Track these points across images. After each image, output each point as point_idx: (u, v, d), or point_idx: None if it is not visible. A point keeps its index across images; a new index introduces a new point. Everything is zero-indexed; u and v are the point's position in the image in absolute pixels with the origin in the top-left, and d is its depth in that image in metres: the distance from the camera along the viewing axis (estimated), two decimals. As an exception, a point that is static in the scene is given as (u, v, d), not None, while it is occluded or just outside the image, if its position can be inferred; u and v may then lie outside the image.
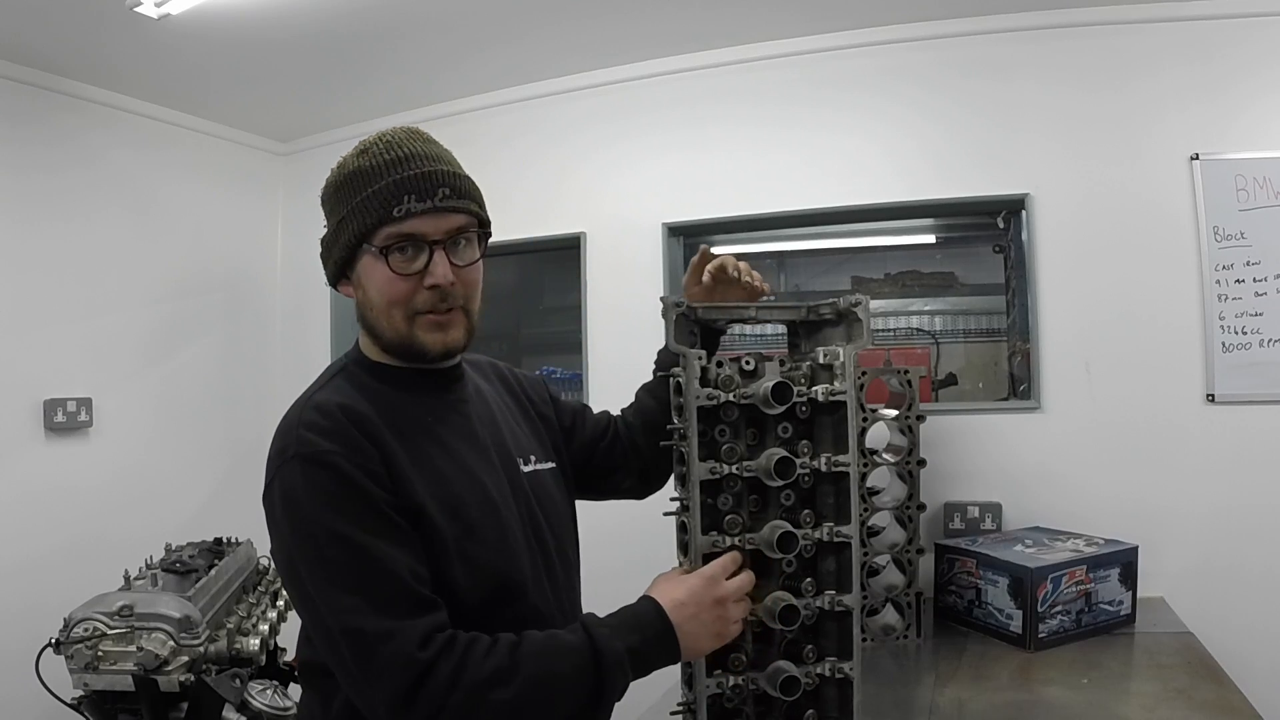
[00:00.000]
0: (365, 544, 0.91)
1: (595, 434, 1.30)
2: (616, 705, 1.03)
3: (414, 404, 1.05)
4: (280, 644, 2.09)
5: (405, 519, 0.95)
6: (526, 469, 1.13)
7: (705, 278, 1.28)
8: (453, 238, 1.01)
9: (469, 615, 0.96)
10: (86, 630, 1.71)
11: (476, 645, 0.91)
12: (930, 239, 2.85)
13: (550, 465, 1.19)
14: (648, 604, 1.00)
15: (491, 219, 1.07)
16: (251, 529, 2.41)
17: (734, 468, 1.06)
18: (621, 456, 1.29)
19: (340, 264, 1.04)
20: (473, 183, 1.04)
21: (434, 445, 1.02)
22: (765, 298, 1.30)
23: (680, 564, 1.09)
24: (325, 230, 1.06)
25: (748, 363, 1.09)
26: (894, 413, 2.08)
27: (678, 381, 1.08)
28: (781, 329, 1.27)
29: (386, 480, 0.95)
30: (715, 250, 1.30)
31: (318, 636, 0.94)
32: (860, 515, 1.13)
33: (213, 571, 1.99)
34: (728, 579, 1.03)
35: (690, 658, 1.02)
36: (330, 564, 0.91)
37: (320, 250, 1.07)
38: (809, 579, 1.09)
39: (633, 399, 1.37)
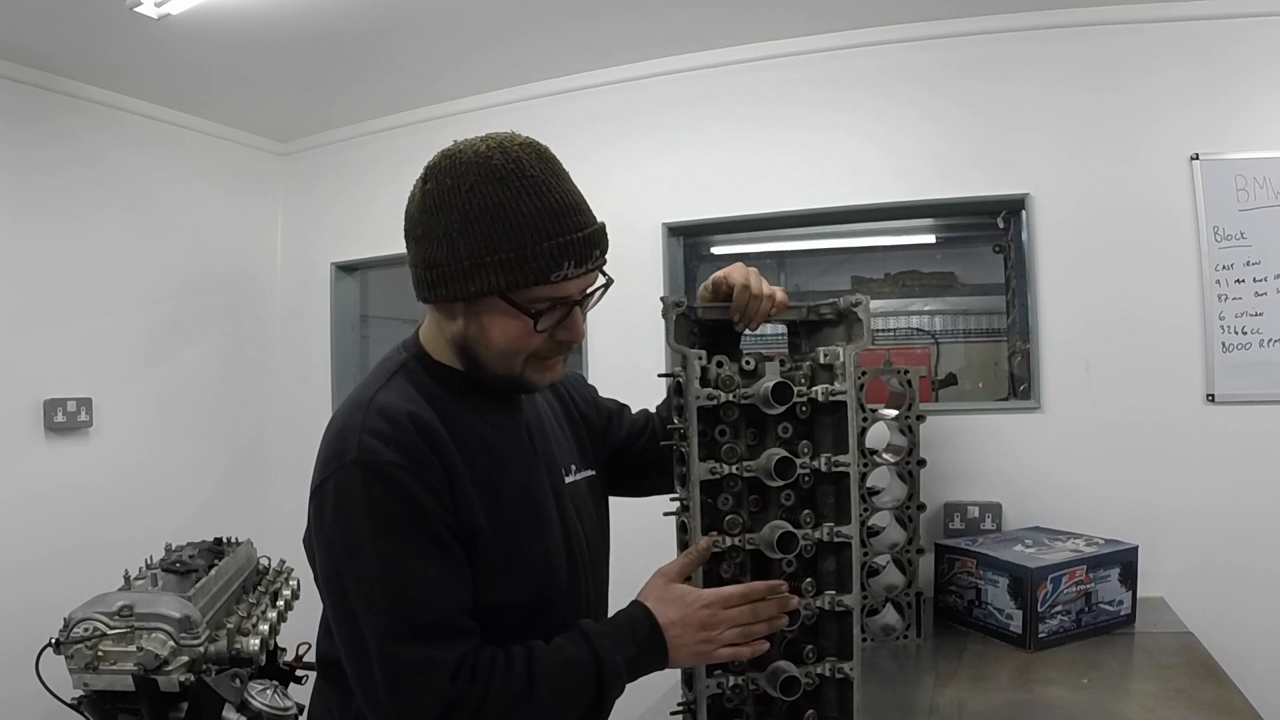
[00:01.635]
0: (414, 567, 0.91)
1: (632, 434, 1.29)
2: (616, 705, 1.04)
3: (473, 412, 1.03)
4: (280, 644, 2.08)
5: (460, 540, 0.95)
6: (569, 479, 1.13)
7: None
8: (589, 292, 1.01)
9: (497, 625, 0.97)
10: (86, 630, 1.71)
11: (496, 669, 0.92)
12: (930, 239, 2.86)
13: (589, 474, 1.19)
14: (645, 617, 1.00)
15: None
16: (251, 529, 2.42)
17: (734, 468, 1.06)
18: (657, 455, 1.26)
19: (456, 297, 0.96)
20: (606, 230, 1.01)
21: (492, 462, 1.01)
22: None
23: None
24: (431, 248, 0.95)
25: (748, 363, 1.09)
26: (894, 413, 2.08)
27: (678, 381, 1.08)
28: (781, 329, 1.27)
29: (448, 499, 0.94)
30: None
31: (348, 649, 0.93)
32: (860, 515, 1.13)
33: (213, 571, 1.98)
34: (729, 608, 1.01)
35: (674, 667, 1.03)
36: (376, 583, 0.90)
37: (421, 267, 0.98)
38: (809, 579, 1.09)
39: (636, 399, 1.37)
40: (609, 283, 1.04)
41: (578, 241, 0.95)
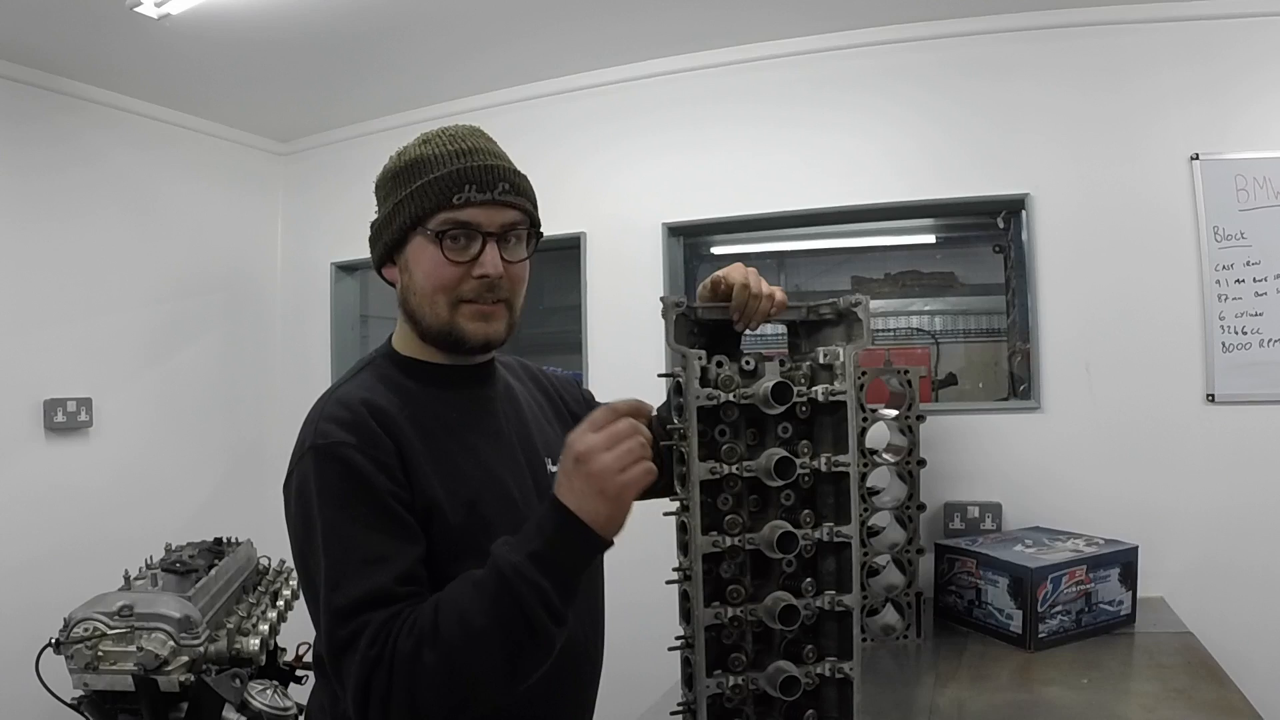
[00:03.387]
0: (359, 538, 0.92)
1: None
2: (616, 705, 1.03)
3: (439, 400, 1.05)
4: (280, 644, 2.08)
5: (415, 516, 0.96)
6: (554, 468, 1.12)
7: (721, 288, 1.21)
8: (505, 232, 1.03)
9: None
10: (86, 630, 1.71)
11: (405, 621, 0.88)
12: (930, 239, 2.86)
13: None
14: (547, 501, 0.91)
15: None
16: (251, 529, 2.42)
17: (734, 468, 1.06)
18: (655, 457, 1.27)
19: (390, 247, 1.05)
20: (530, 183, 1.07)
21: (455, 442, 1.03)
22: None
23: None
24: (377, 215, 1.08)
25: (748, 363, 1.09)
26: (894, 413, 2.08)
27: (678, 381, 1.08)
28: (781, 329, 1.27)
29: (399, 475, 0.96)
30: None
31: (315, 626, 0.95)
32: (860, 515, 1.13)
33: (213, 571, 1.98)
34: (597, 430, 0.91)
35: (607, 529, 0.91)
36: (325, 558, 0.91)
37: (370, 234, 1.09)
38: (809, 579, 1.09)
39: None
40: (536, 228, 1.09)
41: (479, 168, 1.01)
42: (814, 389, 1.09)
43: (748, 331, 1.19)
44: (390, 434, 0.97)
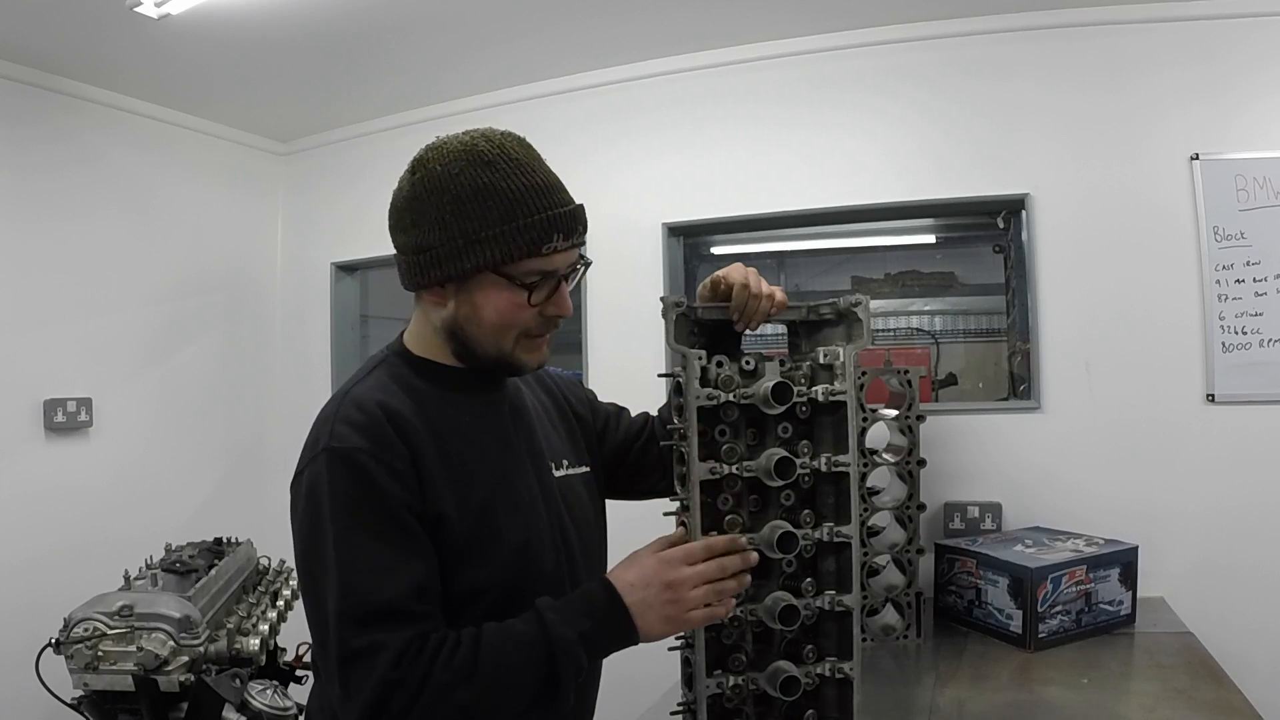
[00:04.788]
0: (370, 549, 0.92)
1: (630, 436, 1.30)
2: (616, 705, 1.03)
3: (451, 403, 1.05)
4: (280, 644, 2.08)
5: (426, 524, 0.96)
6: (559, 473, 1.14)
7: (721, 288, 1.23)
8: (573, 268, 1.04)
9: (476, 610, 0.97)
10: (86, 630, 1.71)
11: (442, 650, 0.91)
12: (930, 239, 2.85)
13: (583, 470, 1.19)
14: (601, 586, 0.98)
15: None
16: (251, 529, 2.42)
17: (734, 468, 1.06)
18: (655, 457, 1.27)
19: (449, 276, 0.99)
20: (585, 210, 1.07)
21: (467, 446, 1.03)
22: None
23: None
24: (422, 234, 0.99)
25: (748, 363, 1.09)
26: (894, 413, 2.08)
27: (678, 381, 1.08)
28: (781, 329, 1.27)
29: (413, 482, 0.96)
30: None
31: (314, 632, 0.95)
32: (860, 515, 1.13)
33: (213, 571, 1.98)
34: (692, 564, 0.98)
35: (649, 639, 0.98)
36: (333, 566, 0.91)
37: (412, 253, 1.00)
38: (809, 579, 1.09)
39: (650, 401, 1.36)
40: (589, 262, 1.08)
41: (565, 215, 1.00)
42: (814, 389, 1.09)
43: (748, 331, 1.19)
44: (405, 439, 0.97)
